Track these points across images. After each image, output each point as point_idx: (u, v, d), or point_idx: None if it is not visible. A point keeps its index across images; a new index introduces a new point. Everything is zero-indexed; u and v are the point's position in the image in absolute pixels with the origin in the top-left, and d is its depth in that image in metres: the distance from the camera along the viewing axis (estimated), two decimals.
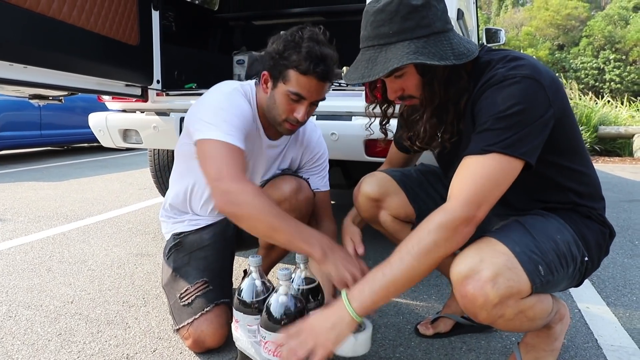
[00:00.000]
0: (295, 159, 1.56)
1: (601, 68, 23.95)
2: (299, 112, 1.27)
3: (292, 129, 1.34)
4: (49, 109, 5.87)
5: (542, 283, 0.93)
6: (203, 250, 1.47)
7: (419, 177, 1.33)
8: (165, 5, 2.45)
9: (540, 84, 0.93)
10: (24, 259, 2.13)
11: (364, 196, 1.30)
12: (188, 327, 1.29)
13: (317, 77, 1.22)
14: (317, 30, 1.25)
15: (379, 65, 0.96)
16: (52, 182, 4.26)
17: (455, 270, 0.94)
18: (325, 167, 1.61)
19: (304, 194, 1.42)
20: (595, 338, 1.43)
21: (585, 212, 1.07)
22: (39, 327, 1.47)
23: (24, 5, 1.36)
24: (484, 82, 0.97)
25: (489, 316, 0.92)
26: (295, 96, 1.25)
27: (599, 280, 1.95)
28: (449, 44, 0.96)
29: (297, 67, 1.21)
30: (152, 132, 2.20)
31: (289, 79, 1.24)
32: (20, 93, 1.83)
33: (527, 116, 0.91)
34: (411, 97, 1.04)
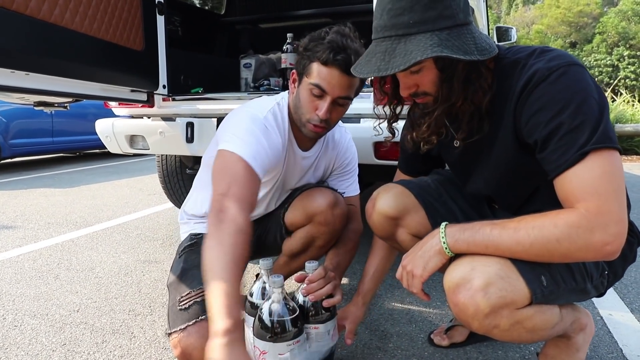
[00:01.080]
0: (327, 166, 1.53)
1: (615, 65, 23.58)
2: (321, 108, 1.20)
3: (316, 131, 1.26)
4: (61, 115, 5.93)
5: (543, 294, 0.88)
6: None
7: (438, 189, 1.22)
8: (171, 10, 2.43)
9: (583, 67, 0.87)
10: (32, 266, 2.12)
11: (380, 214, 1.18)
12: (179, 335, 1.24)
13: (338, 67, 1.15)
14: (345, 27, 1.21)
15: (398, 57, 0.86)
16: (64, 188, 4.28)
17: (447, 279, 0.90)
18: (354, 171, 1.56)
19: (339, 209, 1.38)
20: (620, 348, 1.36)
21: None
22: (43, 337, 1.45)
23: (24, 11, 1.34)
24: (527, 80, 0.88)
25: (482, 326, 0.87)
26: (317, 89, 1.19)
27: (621, 285, 1.87)
28: (471, 38, 0.88)
29: (318, 58, 1.17)
30: (159, 137, 2.17)
31: (311, 71, 1.19)
32: (24, 100, 1.82)
33: (591, 103, 0.83)
34: (425, 94, 0.96)
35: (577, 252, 0.82)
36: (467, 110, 0.97)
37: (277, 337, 1.03)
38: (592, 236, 0.79)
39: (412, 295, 1.75)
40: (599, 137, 0.81)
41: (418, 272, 0.96)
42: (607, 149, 0.81)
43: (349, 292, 1.81)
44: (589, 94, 0.84)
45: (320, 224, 1.37)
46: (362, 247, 1.47)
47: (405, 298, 1.75)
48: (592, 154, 0.81)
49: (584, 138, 0.81)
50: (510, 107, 0.93)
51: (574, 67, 0.86)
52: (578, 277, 0.93)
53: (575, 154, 0.81)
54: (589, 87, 0.84)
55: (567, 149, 0.83)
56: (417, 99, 0.99)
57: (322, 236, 1.40)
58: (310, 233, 1.41)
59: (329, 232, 1.38)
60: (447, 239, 0.93)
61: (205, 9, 3.42)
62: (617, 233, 0.80)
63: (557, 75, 0.85)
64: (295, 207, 1.44)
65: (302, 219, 1.42)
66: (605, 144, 0.81)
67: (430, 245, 0.95)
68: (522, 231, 0.85)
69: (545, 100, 0.85)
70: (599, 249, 0.80)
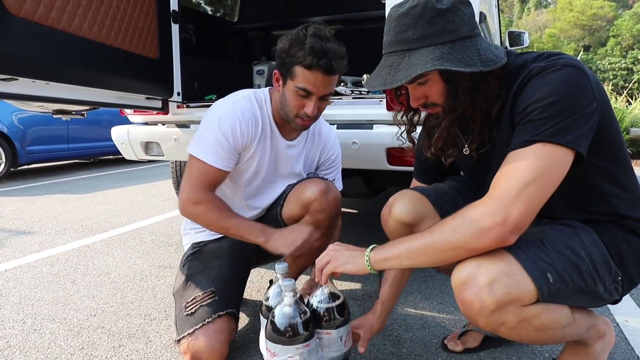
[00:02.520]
0: (314, 157, 1.61)
1: (630, 68, 23.28)
2: (309, 107, 1.32)
3: (304, 124, 1.39)
4: (76, 123, 6.03)
5: (550, 291, 0.88)
6: (219, 258, 1.47)
7: (454, 196, 1.23)
8: (185, 19, 2.47)
9: (584, 72, 0.88)
10: (50, 271, 2.16)
11: (396, 221, 1.18)
12: (188, 340, 1.25)
13: (321, 71, 1.26)
14: (320, 27, 1.30)
15: (401, 71, 0.92)
16: (79, 194, 4.35)
17: (454, 277, 0.92)
18: (338, 168, 1.66)
19: (332, 194, 1.44)
20: (636, 355, 1.34)
21: (629, 226, 1.00)
22: (62, 341, 1.47)
23: (45, 22, 1.38)
24: (523, 78, 0.92)
25: (488, 323, 0.88)
26: (303, 91, 1.30)
27: (637, 291, 1.84)
28: (475, 50, 0.91)
29: (302, 62, 1.26)
30: (173, 144, 2.21)
31: (296, 75, 1.29)
32: (44, 109, 1.87)
33: (571, 104, 0.85)
34: (435, 104, 0.99)
35: (472, 239, 0.85)
36: (477, 119, 0.99)
37: (286, 339, 1.05)
38: (482, 220, 0.84)
39: (426, 300, 1.76)
40: (552, 132, 0.83)
41: (335, 263, 1.03)
42: (554, 144, 0.83)
43: (362, 298, 1.81)
44: (572, 94, 0.85)
45: (317, 212, 1.41)
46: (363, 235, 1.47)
47: (418, 303, 1.75)
48: (537, 144, 0.84)
49: (541, 129, 0.84)
50: (508, 107, 0.96)
51: (569, 68, 0.87)
52: (588, 279, 0.92)
53: (522, 140, 0.86)
54: (576, 89, 0.86)
55: (522, 134, 0.87)
56: (428, 109, 1.03)
57: (321, 224, 1.43)
58: (309, 223, 1.44)
59: (327, 218, 1.42)
60: (371, 253, 0.99)
61: (218, 17, 3.48)
62: (505, 217, 0.82)
63: (548, 71, 0.88)
64: (290, 201, 1.50)
65: (298, 210, 1.46)
66: (553, 139, 0.83)
67: (357, 254, 1.02)
68: (434, 233, 0.90)
69: (531, 91, 0.89)
70: (488, 232, 0.83)
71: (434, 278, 1.96)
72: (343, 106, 1.94)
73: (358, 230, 2.78)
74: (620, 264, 0.97)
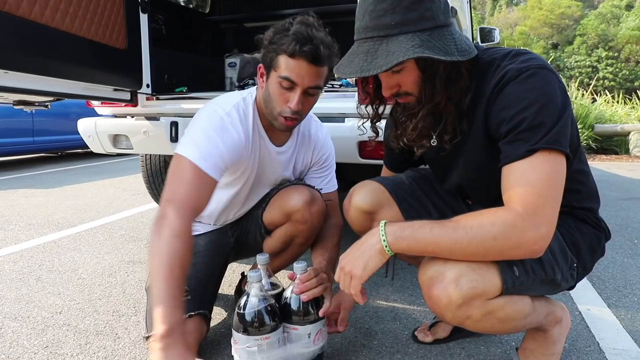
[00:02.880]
0: (305, 160, 1.51)
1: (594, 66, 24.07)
2: (292, 100, 1.20)
3: (287, 124, 1.25)
4: (42, 115, 5.83)
5: (514, 284, 0.91)
6: (195, 255, 1.42)
7: (412, 185, 1.26)
8: (155, 9, 2.41)
9: (554, 74, 0.91)
10: (12, 268, 2.09)
11: (355, 209, 1.22)
12: None
13: (305, 58, 1.15)
14: (309, 16, 1.21)
15: (380, 58, 0.88)
16: (45, 189, 4.21)
17: (421, 273, 0.93)
18: (332, 167, 1.56)
19: (316, 206, 1.36)
20: (597, 341, 1.40)
21: (580, 215, 1.04)
22: (25, 340, 1.43)
23: (2, 8, 1.32)
24: (498, 80, 0.92)
25: (455, 317, 0.90)
26: (286, 82, 1.18)
27: (599, 280, 1.92)
28: (452, 39, 0.91)
29: (285, 50, 1.16)
30: (143, 137, 2.15)
31: (279, 64, 1.18)
32: (3, 99, 1.79)
33: (554, 107, 0.87)
34: (407, 94, 0.98)
35: (509, 250, 0.86)
36: (450, 110, 0.99)
37: (246, 329, 1.07)
38: (524, 235, 0.84)
39: (397, 293, 1.78)
40: (550, 139, 0.85)
41: (358, 273, 0.95)
42: (554, 152, 0.86)
43: (334, 291, 1.81)
44: (552, 97, 0.88)
45: (299, 222, 1.36)
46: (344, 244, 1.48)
47: (390, 296, 1.77)
48: (539, 152, 0.86)
49: (538, 137, 0.86)
50: (482, 106, 0.96)
51: (543, 71, 0.90)
52: (547, 268, 0.95)
53: (525, 150, 0.86)
54: (553, 92, 0.89)
55: (521, 143, 0.87)
56: (399, 99, 1.01)
57: (301, 234, 1.40)
58: (289, 232, 1.41)
59: (308, 230, 1.38)
60: (388, 237, 0.93)
61: (190, 8, 3.41)
62: (546, 234, 0.85)
63: (526, 75, 0.89)
64: (273, 206, 1.44)
65: (280, 217, 1.41)
66: (554, 145, 0.85)
67: (370, 245, 0.95)
68: (460, 230, 0.88)
69: (512, 97, 0.89)
70: (529, 247, 0.85)
71: (405, 271, 1.98)
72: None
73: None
74: (575, 251, 1.01)
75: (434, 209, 1.23)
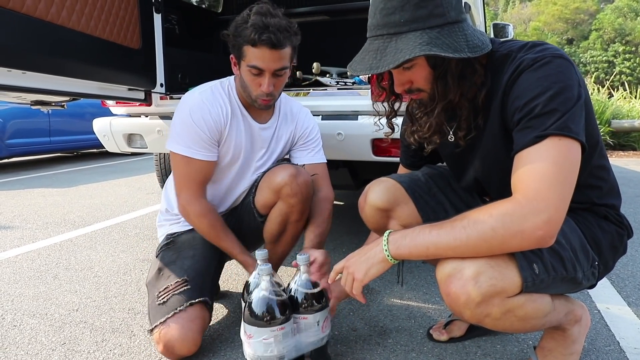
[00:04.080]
0: (289, 136, 1.60)
1: (611, 61, 23.65)
2: (264, 84, 1.34)
3: (266, 102, 1.40)
4: (58, 115, 5.92)
5: (534, 282, 0.89)
6: (192, 248, 1.46)
7: (428, 182, 1.25)
8: (168, 8, 2.43)
9: (570, 62, 0.89)
10: (30, 266, 2.12)
11: (371, 207, 1.21)
12: (160, 329, 1.25)
13: (266, 45, 1.28)
14: (264, 4, 1.33)
15: (388, 56, 0.89)
16: (61, 188, 4.27)
17: (439, 270, 0.92)
18: (318, 141, 1.65)
19: (302, 177, 1.42)
20: (617, 340, 1.37)
21: (602, 212, 1.02)
22: (43, 337, 1.45)
23: (21, 10, 1.34)
24: (513, 71, 0.91)
25: (474, 315, 0.89)
26: (255, 69, 1.33)
27: (618, 279, 1.88)
28: (463, 35, 0.90)
29: (247, 41, 1.30)
30: (157, 136, 2.17)
31: (246, 54, 1.33)
32: (21, 99, 1.82)
33: (568, 95, 0.85)
34: (419, 90, 0.98)
35: (512, 240, 0.83)
36: (464, 107, 0.98)
37: (261, 322, 1.09)
38: (524, 221, 0.81)
39: (412, 291, 1.77)
40: (560, 125, 0.83)
41: (359, 277, 0.99)
42: (565, 137, 0.84)
43: None
44: (568, 85, 0.86)
45: (289, 196, 1.40)
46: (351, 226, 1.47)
47: (404, 294, 1.75)
48: (549, 138, 0.84)
49: (549, 123, 0.84)
50: (497, 99, 0.95)
51: (559, 59, 0.88)
52: (569, 266, 0.93)
53: (533, 137, 0.85)
54: (569, 80, 0.87)
55: (531, 130, 0.86)
56: (412, 95, 1.01)
57: (293, 209, 1.43)
58: (283, 210, 1.44)
59: (299, 202, 1.42)
60: (390, 246, 0.95)
61: (202, 7, 3.42)
62: (549, 219, 0.81)
63: (540, 64, 0.88)
64: (261, 188, 1.49)
65: (270, 196, 1.45)
66: (563, 132, 0.83)
67: (373, 253, 0.98)
68: (457, 227, 0.87)
69: (526, 85, 0.88)
70: (531, 234, 0.81)
71: (420, 269, 1.97)
72: (328, 97, 1.92)
73: (345, 222, 2.78)
74: (596, 249, 0.99)
75: (450, 206, 1.22)
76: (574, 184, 0.85)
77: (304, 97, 1.95)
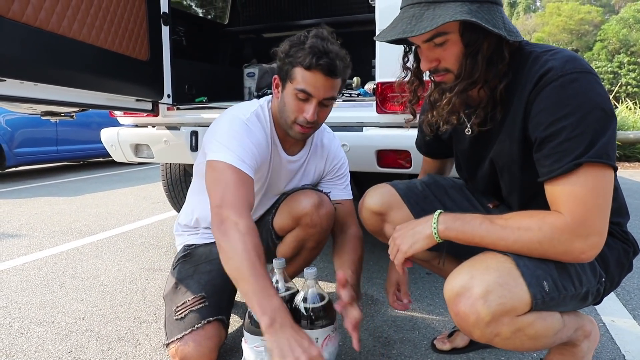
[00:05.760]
0: (317, 170, 1.53)
1: (616, 72, 23.63)
2: (308, 111, 1.24)
3: (304, 132, 1.30)
4: (65, 124, 5.98)
5: (544, 300, 0.88)
6: (210, 263, 1.45)
7: (424, 190, 1.27)
8: (175, 20, 2.47)
9: (598, 78, 0.88)
10: (37, 274, 2.14)
11: (367, 210, 1.27)
12: (177, 345, 1.25)
13: (322, 71, 1.20)
14: (323, 29, 1.25)
15: (425, 21, 0.87)
16: (68, 197, 4.31)
17: (447, 288, 0.91)
18: (346, 176, 1.58)
19: (325, 209, 1.38)
20: (622, 354, 1.36)
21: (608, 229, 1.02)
22: (50, 345, 1.46)
23: (34, 23, 1.37)
24: (540, 77, 0.89)
25: (484, 334, 0.88)
26: (303, 94, 1.23)
27: (624, 291, 1.87)
28: (500, 17, 0.90)
29: (301, 63, 1.20)
30: (163, 146, 2.20)
31: (295, 77, 1.23)
32: (32, 110, 1.85)
33: (598, 116, 0.84)
34: (447, 70, 0.96)
35: (554, 255, 0.88)
36: (484, 95, 0.99)
37: (253, 329, 1.11)
38: (572, 244, 0.85)
39: (417, 302, 1.77)
40: (597, 152, 0.83)
41: (404, 249, 1.02)
42: (602, 165, 0.84)
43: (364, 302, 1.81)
44: (597, 105, 0.85)
45: (308, 226, 1.38)
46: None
47: None
48: (586, 166, 0.84)
49: (582, 149, 0.83)
50: (522, 99, 0.94)
51: (588, 75, 0.87)
52: (576, 283, 0.93)
53: (570, 163, 0.84)
54: (598, 98, 0.85)
55: (562, 156, 0.85)
56: (437, 76, 1.00)
57: (311, 238, 1.41)
58: (300, 236, 1.42)
59: (318, 233, 1.39)
60: (439, 225, 0.97)
61: (209, 19, 3.47)
62: (595, 244, 0.86)
63: (569, 79, 0.86)
64: (282, 211, 1.45)
65: (289, 222, 1.43)
66: (602, 159, 0.83)
67: (422, 228, 1.00)
68: (508, 229, 0.90)
69: (553, 101, 0.87)
70: (576, 256, 0.87)
71: (424, 279, 1.97)
72: (333, 109, 1.94)
73: None
74: (603, 265, 0.99)
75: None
76: (610, 209, 0.86)
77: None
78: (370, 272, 2.12)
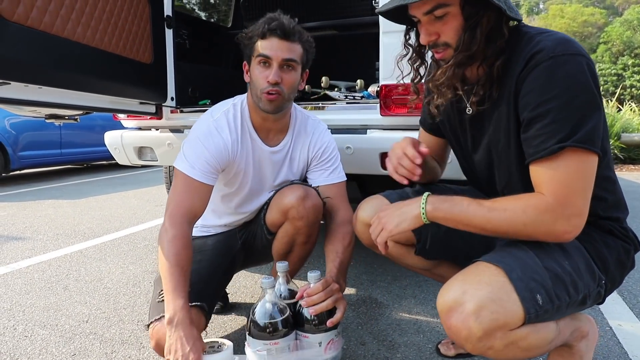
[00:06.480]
0: (303, 157, 1.53)
1: (620, 74, 23.55)
2: (270, 73, 1.31)
3: (270, 99, 1.32)
4: (69, 128, 6.00)
5: (537, 313, 0.87)
6: (201, 253, 1.47)
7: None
8: (179, 23, 2.47)
9: (591, 61, 0.89)
10: (41, 277, 2.14)
11: (361, 223, 1.25)
12: (154, 326, 1.25)
13: (275, 35, 1.29)
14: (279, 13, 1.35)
15: None
16: (72, 199, 4.32)
17: (440, 301, 0.90)
18: (335, 158, 1.56)
19: (310, 201, 1.39)
20: (630, 358, 1.35)
21: (606, 226, 1.01)
22: (53, 347, 1.46)
23: (39, 27, 1.37)
24: (531, 56, 0.90)
25: (476, 348, 0.87)
26: (262, 58, 1.31)
27: (630, 295, 1.86)
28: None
29: (258, 36, 1.31)
30: (167, 149, 2.20)
31: (256, 49, 1.32)
32: (36, 113, 1.85)
33: (585, 100, 0.86)
34: (446, 44, 0.97)
35: (538, 235, 0.90)
36: (482, 73, 0.99)
37: (257, 333, 1.11)
38: (554, 224, 0.87)
39: (421, 305, 1.76)
40: (581, 137, 0.85)
41: (389, 227, 1.02)
42: (585, 151, 0.86)
43: (356, 303, 1.81)
44: (585, 88, 0.86)
45: (295, 219, 1.39)
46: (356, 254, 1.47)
47: (412, 308, 1.75)
48: (569, 150, 0.85)
49: (567, 131, 0.85)
50: (513, 78, 0.94)
51: (579, 58, 0.87)
52: (572, 291, 0.92)
53: (554, 146, 0.86)
54: (587, 83, 0.86)
55: (547, 138, 0.87)
56: (436, 52, 1.00)
57: (300, 232, 1.42)
58: (289, 231, 1.43)
59: (305, 226, 1.40)
60: (427, 205, 0.98)
61: (212, 22, 3.48)
62: (576, 224, 0.88)
63: (561, 61, 0.87)
64: (271, 207, 1.48)
65: (278, 217, 1.45)
66: (586, 145, 0.85)
67: (410, 208, 1.01)
68: (495, 212, 0.92)
69: (541, 82, 0.88)
70: (559, 236, 0.89)
71: (428, 283, 1.96)
72: (337, 111, 1.94)
73: None
74: (602, 267, 0.97)
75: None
76: (591, 192, 0.89)
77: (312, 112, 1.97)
78: (374, 275, 2.11)
